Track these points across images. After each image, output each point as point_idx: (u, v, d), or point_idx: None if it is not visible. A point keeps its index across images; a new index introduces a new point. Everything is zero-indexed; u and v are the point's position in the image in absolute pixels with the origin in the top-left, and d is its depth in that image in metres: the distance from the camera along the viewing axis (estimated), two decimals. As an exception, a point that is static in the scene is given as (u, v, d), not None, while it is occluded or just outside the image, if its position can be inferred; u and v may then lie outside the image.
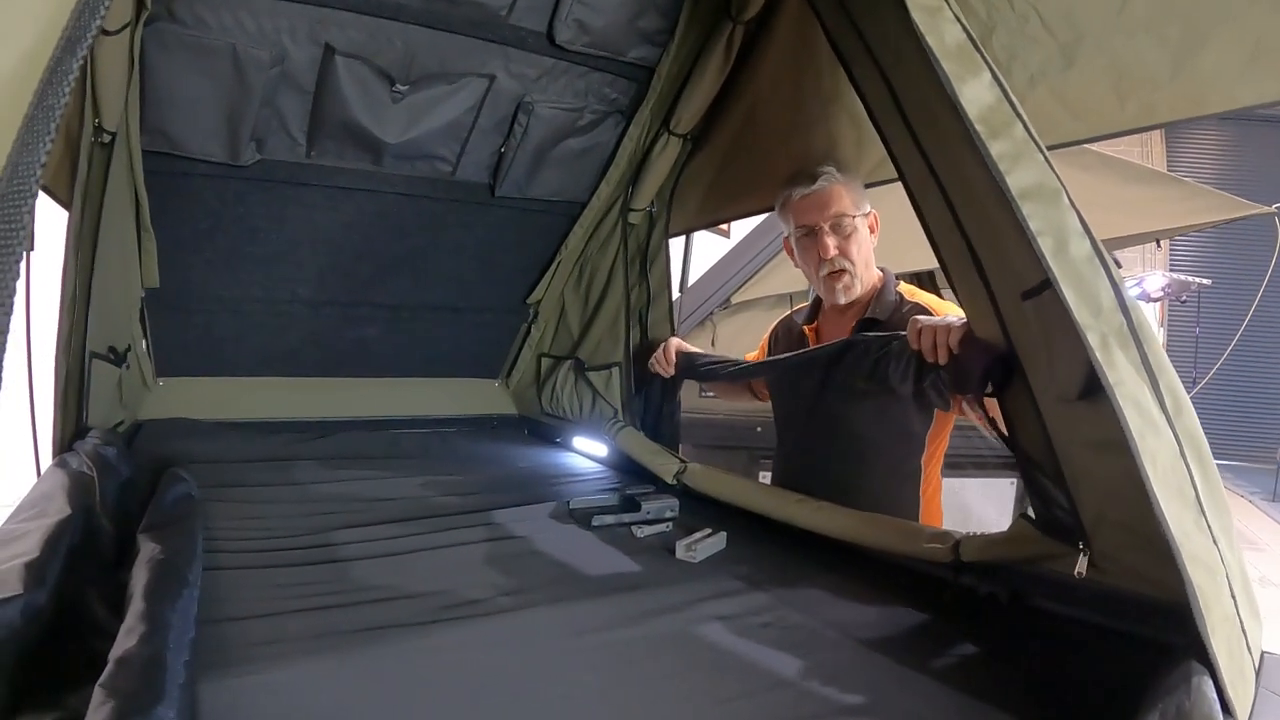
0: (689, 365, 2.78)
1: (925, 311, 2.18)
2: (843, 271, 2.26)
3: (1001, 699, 1.28)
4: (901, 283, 2.36)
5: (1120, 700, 1.13)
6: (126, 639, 1.08)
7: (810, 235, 2.27)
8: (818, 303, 2.50)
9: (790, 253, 2.44)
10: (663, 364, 2.83)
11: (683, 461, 2.56)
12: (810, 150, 2.41)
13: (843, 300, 2.31)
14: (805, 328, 2.47)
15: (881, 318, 2.24)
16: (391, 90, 2.41)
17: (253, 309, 3.00)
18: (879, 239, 2.32)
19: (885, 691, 1.31)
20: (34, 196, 0.71)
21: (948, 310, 2.17)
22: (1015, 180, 1.27)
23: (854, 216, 2.24)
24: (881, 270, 2.36)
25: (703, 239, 5.22)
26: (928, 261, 3.65)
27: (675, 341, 2.88)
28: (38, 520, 1.40)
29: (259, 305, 3.00)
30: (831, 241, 2.23)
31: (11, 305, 0.66)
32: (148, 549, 1.45)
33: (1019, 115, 1.33)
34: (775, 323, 2.73)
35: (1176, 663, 1.11)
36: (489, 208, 3.01)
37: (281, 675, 1.24)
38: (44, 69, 0.78)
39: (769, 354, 2.67)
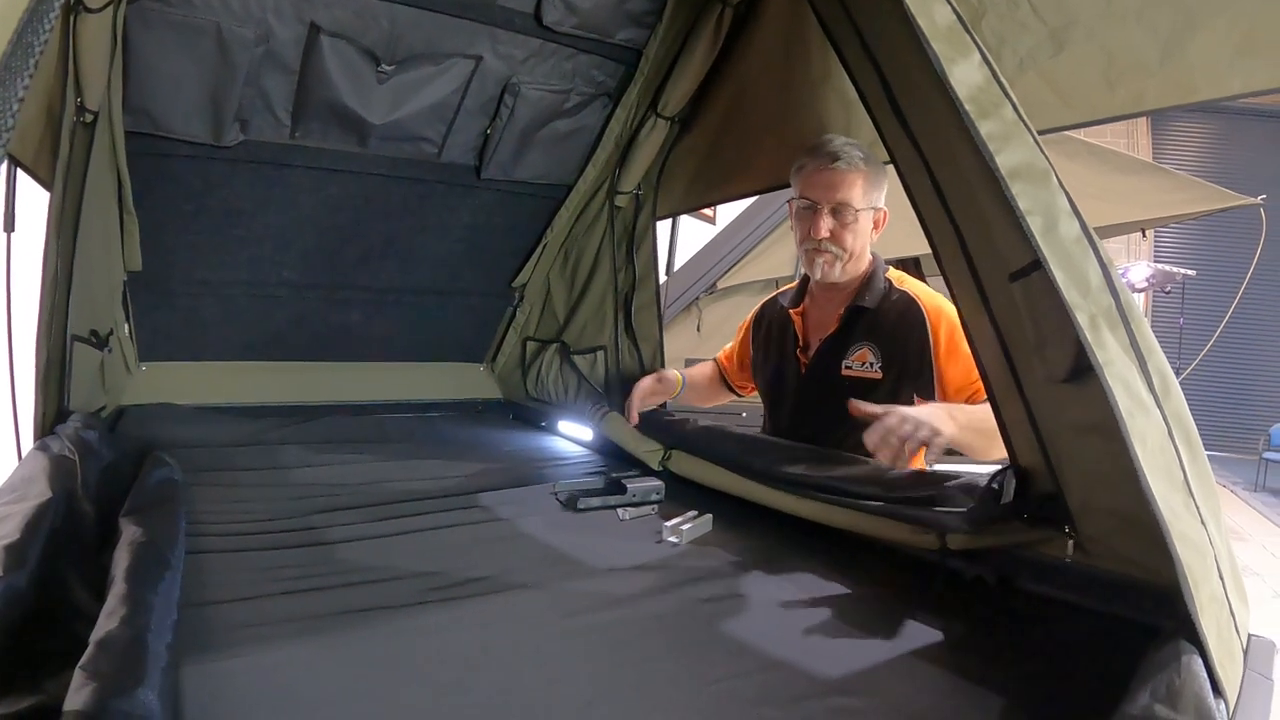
0: (654, 423, 2.74)
1: (914, 302, 2.21)
2: (826, 252, 2.24)
3: (989, 680, 1.28)
4: (890, 269, 2.35)
5: (1108, 682, 1.13)
6: (108, 621, 1.06)
7: (810, 209, 2.24)
8: (804, 286, 2.49)
9: (791, 215, 2.41)
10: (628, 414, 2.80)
11: (667, 448, 2.55)
12: (800, 133, 2.40)
13: (818, 276, 2.29)
14: (791, 312, 2.45)
15: (870, 305, 2.24)
16: (377, 70, 2.39)
17: (236, 292, 2.98)
18: (879, 236, 2.31)
19: (874, 672, 1.31)
20: (10, 131, 0.70)
21: (936, 301, 2.20)
22: (1005, 160, 1.26)
23: (859, 209, 2.21)
24: (872, 255, 2.34)
25: (688, 224, 5.23)
26: (915, 247, 3.64)
27: (643, 386, 2.79)
28: (18, 504, 1.38)
29: (243, 289, 2.98)
30: (826, 224, 2.21)
31: None
32: (129, 532, 1.43)
33: (1008, 96, 1.32)
34: (756, 308, 2.71)
35: (1166, 642, 1.11)
36: (475, 190, 3.00)
37: (265, 658, 1.23)
38: (24, 9, 0.77)
39: (752, 340, 2.66)
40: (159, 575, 1.27)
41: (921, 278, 4.61)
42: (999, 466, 1.58)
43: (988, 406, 1.69)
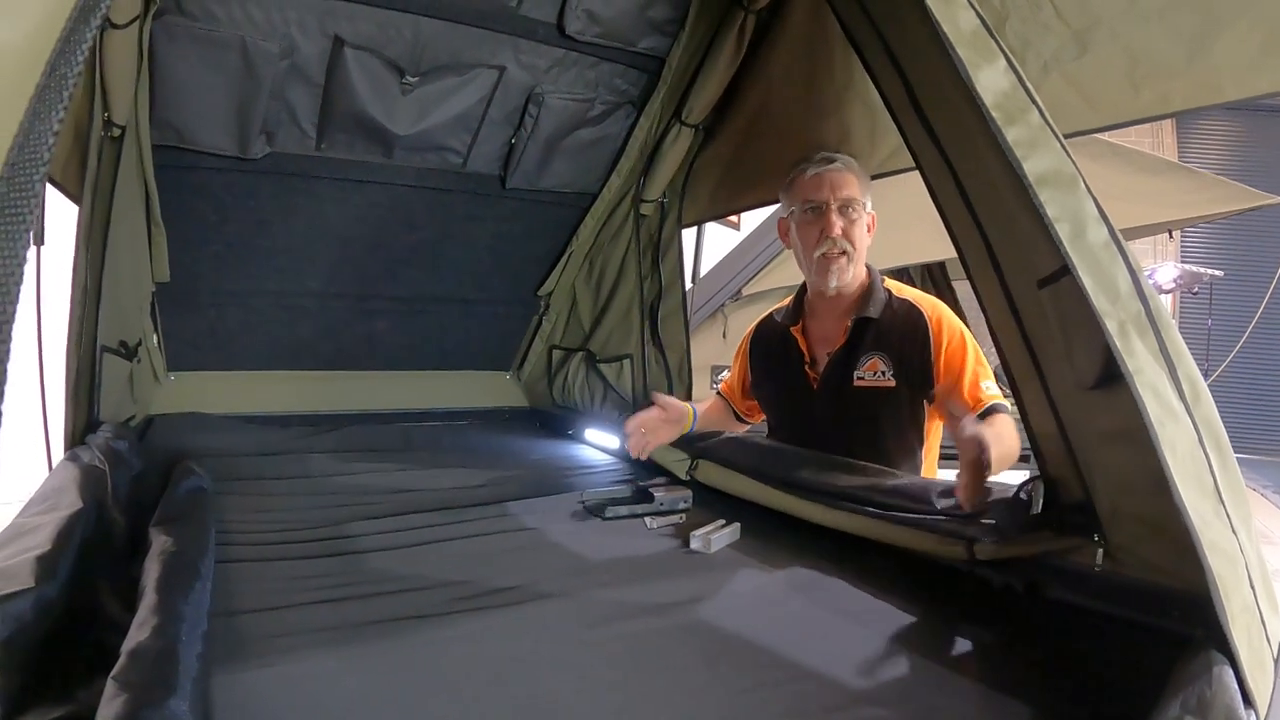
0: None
1: (914, 308, 2.23)
2: (843, 253, 2.23)
3: (1019, 689, 1.27)
4: (887, 279, 2.36)
5: (1137, 691, 1.12)
6: (139, 631, 1.07)
7: (816, 211, 2.23)
8: (800, 302, 2.46)
9: (784, 234, 2.41)
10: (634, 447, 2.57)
11: (694, 457, 2.54)
12: (823, 140, 2.40)
13: (834, 284, 2.27)
14: (791, 329, 2.43)
15: (875, 315, 2.24)
16: (401, 82, 2.40)
17: (263, 303, 3.00)
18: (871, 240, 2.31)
19: (903, 683, 1.30)
20: (46, 165, 0.70)
21: (935, 306, 2.23)
22: (1032, 166, 1.25)
23: (864, 204, 2.23)
24: (868, 267, 2.35)
25: (713, 231, 5.22)
26: (939, 253, 3.61)
27: (649, 420, 2.54)
28: (50, 514, 1.39)
29: (269, 299, 3.00)
30: (837, 222, 2.20)
31: (22, 270, 0.66)
32: (160, 542, 1.44)
33: (1034, 101, 1.31)
34: (750, 330, 2.67)
35: (1196, 653, 1.10)
36: (500, 199, 3.01)
37: (294, 667, 1.24)
38: (56, 39, 0.77)
39: (749, 360, 2.63)
40: (189, 585, 1.28)
41: (948, 283, 4.57)
42: (1026, 476, 1.57)
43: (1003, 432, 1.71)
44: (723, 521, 2.01)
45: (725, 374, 2.90)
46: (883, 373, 2.21)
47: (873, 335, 2.24)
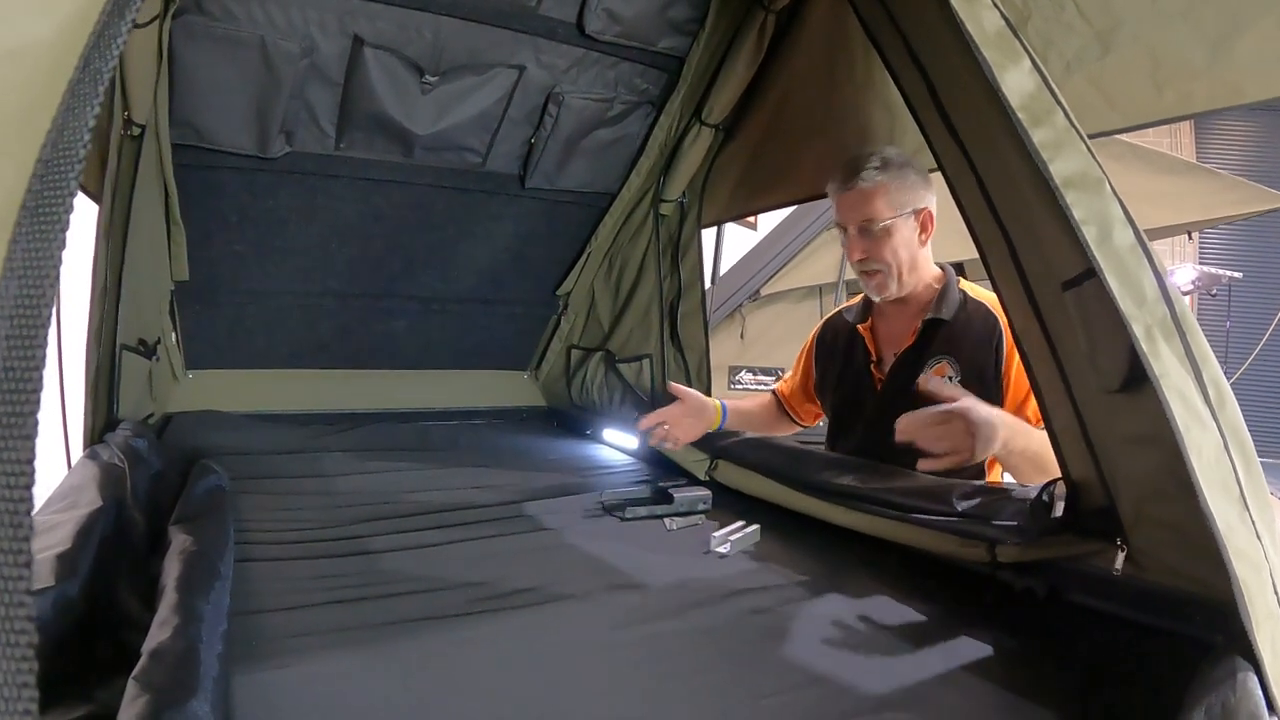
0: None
1: (989, 312, 2.15)
2: (875, 272, 2.21)
3: (1040, 694, 1.27)
4: (962, 280, 2.29)
5: (1159, 697, 1.11)
6: (160, 631, 1.07)
7: (844, 232, 2.23)
8: (869, 301, 2.41)
9: None
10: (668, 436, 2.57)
11: (713, 458, 2.53)
12: (843, 140, 2.39)
13: (876, 298, 2.26)
14: (859, 327, 2.40)
15: (946, 317, 2.18)
16: (421, 81, 2.40)
17: (282, 301, 3.00)
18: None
19: (924, 687, 1.30)
20: (81, 161, 0.70)
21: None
22: (1058, 168, 1.24)
23: (888, 220, 2.16)
24: (943, 267, 2.30)
25: (731, 231, 5.20)
26: (958, 253, 3.60)
27: (672, 414, 2.55)
28: (69, 512, 1.39)
29: (288, 298, 3.00)
30: (859, 245, 2.18)
31: (58, 266, 0.65)
32: (179, 540, 1.44)
33: (1059, 103, 1.30)
34: (822, 322, 2.65)
35: (1220, 659, 1.09)
36: (519, 199, 3.00)
37: (315, 668, 1.24)
38: (90, 33, 0.77)
39: (816, 359, 2.60)
40: (210, 584, 1.28)
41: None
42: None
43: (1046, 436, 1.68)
44: (742, 523, 2.01)
45: (744, 374, 2.89)
46: (950, 377, 2.15)
47: (943, 338, 2.19)
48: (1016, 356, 2.01)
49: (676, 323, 3.08)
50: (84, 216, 2.03)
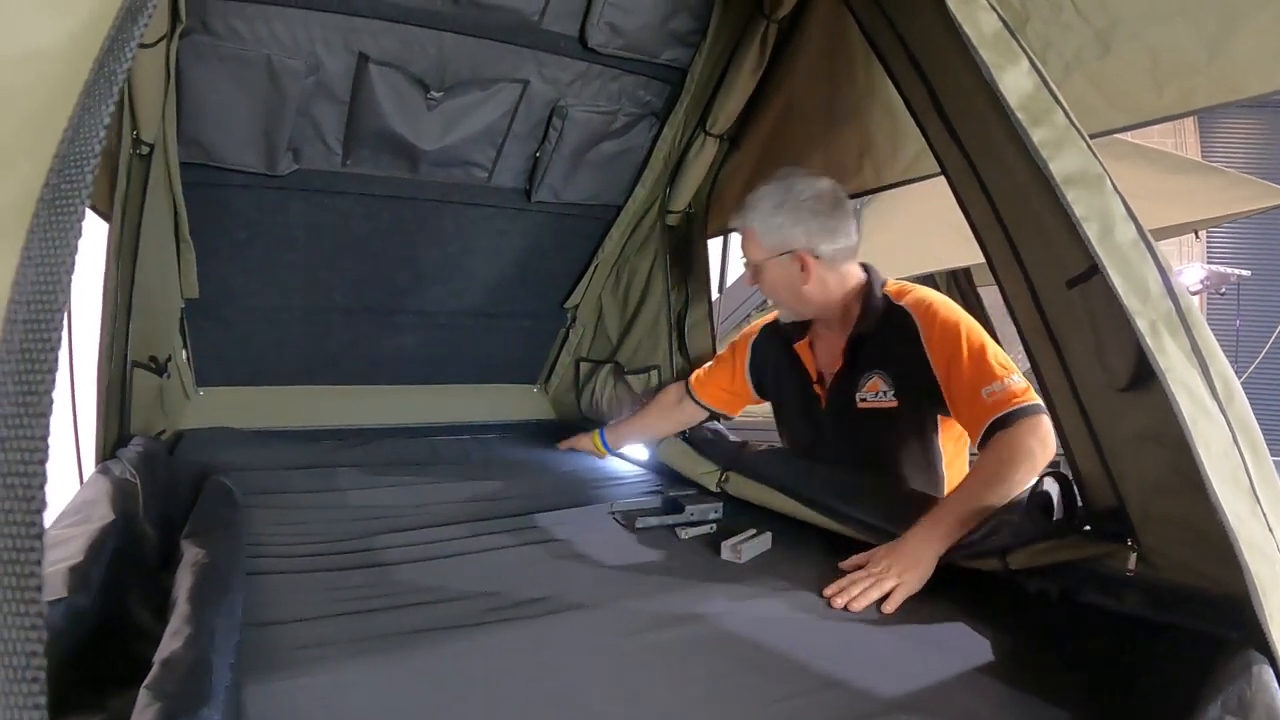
0: (710, 445, 2.76)
1: (907, 315, 2.12)
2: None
3: (1054, 695, 1.27)
4: (891, 282, 2.27)
5: (1174, 695, 1.11)
6: (172, 641, 1.08)
7: None
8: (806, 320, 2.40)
9: None
10: None
11: (724, 470, 2.53)
12: (845, 146, 2.40)
13: (783, 320, 2.36)
14: (795, 346, 2.40)
15: (869, 331, 2.16)
16: (426, 97, 2.41)
17: (291, 318, 3.01)
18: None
19: (937, 689, 1.30)
20: (96, 158, 0.72)
21: (922, 302, 2.12)
22: (1058, 167, 1.25)
23: (759, 260, 2.22)
24: (866, 274, 2.26)
25: (738, 241, 5.19)
26: (964, 258, 3.56)
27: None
28: (81, 526, 1.40)
29: (297, 314, 3.01)
30: (748, 277, 2.28)
31: (74, 260, 0.68)
32: (191, 553, 1.45)
33: (1059, 102, 1.31)
34: (757, 327, 2.66)
35: (1235, 653, 1.09)
36: (525, 213, 3.01)
37: (326, 678, 1.24)
38: (104, 36, 0.79)
39: (750, 362, 2.63)
40: (221, 596, 1.29)
41: (973, 289, 4.53)
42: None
43: (1000, 454, 1.74)
44: (754, 531, 2.00)
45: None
46: (883, 392, 2.15)
47: (870, 352, 2.18)
48: (937, 343, 2.03)
49: (684, 333, 3.08)
50: (94, 235, 2.05)
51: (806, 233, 2.16)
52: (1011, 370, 1.90)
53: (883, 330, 2.15)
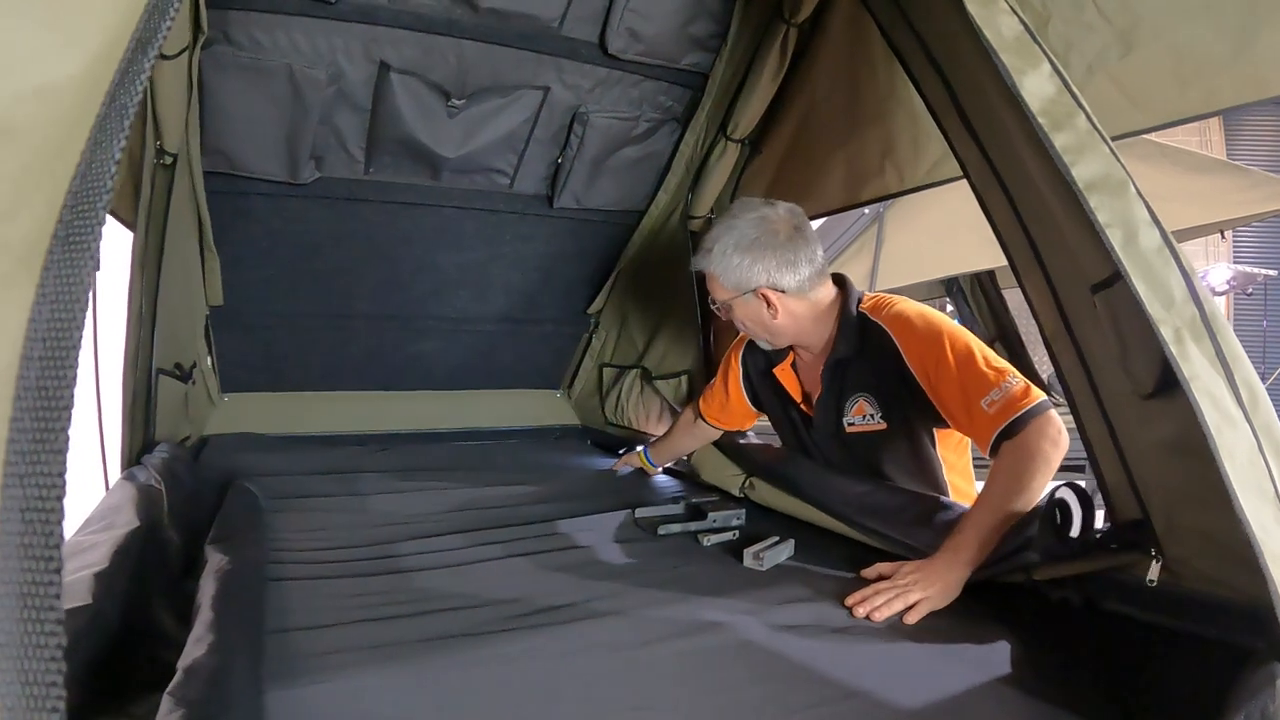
0: (735, 450, 2.73)
1: (884, 332, 2.05)
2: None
3: (1077, 705, 1.26)
4: (868, 295, 2.21)
5: (1198, 705, 1.10)
6: (195, 648, 1.08)
7: None
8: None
9: None
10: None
11: (748, 475, 2.52)
12: (866, 151, 2.39)
13: (767, 349, 2.32)
14: (775, 371, 2.36)
15: (848, 354, 2.12)
16: (447, 105, 2.43)
17: (314, 325, 3.04)
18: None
19: (959, 699, 1.29)
20: (109, 193, 0.73)
21: (895, 314, 2.06)
22: (1080, 172, 1.24)
23: (724, 299, 2.18)
24: (842, 289, 2.20)
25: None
26: (987, 261, 3.54)
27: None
28: (106, 532, 1.41)
29: (320, 321, 3.03)
30: (722, 313, 2.24)
31: (87, 298, 0.69)
32: (215, 560, 1.46)
33: (1081, 105, 1.30)
34: (742, 348, 2.56)
35: (1259, 665, 1.07)
36: (547, 219, 3.02)
37: (347, 684, 1.24)
38: (115, 69, 0.80)
39: (743, 375, 2.57)
40: (245, 602, 1.30)
41: (998, 292, 4.50)
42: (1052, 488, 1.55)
43: (1012, 467, 1.69)
44: (776, 538, 1.99)
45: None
46: (870, 415, 2.12)
47: (853, 375, 2.14)
48: (917, 358, 1.97)
49: (710, 338, 3.08)
50: (120, 244, 2.07)
51: (766, 270, 2.09)
52: (1006, 372, 1.83)
53: (862, 351, 2.11)
